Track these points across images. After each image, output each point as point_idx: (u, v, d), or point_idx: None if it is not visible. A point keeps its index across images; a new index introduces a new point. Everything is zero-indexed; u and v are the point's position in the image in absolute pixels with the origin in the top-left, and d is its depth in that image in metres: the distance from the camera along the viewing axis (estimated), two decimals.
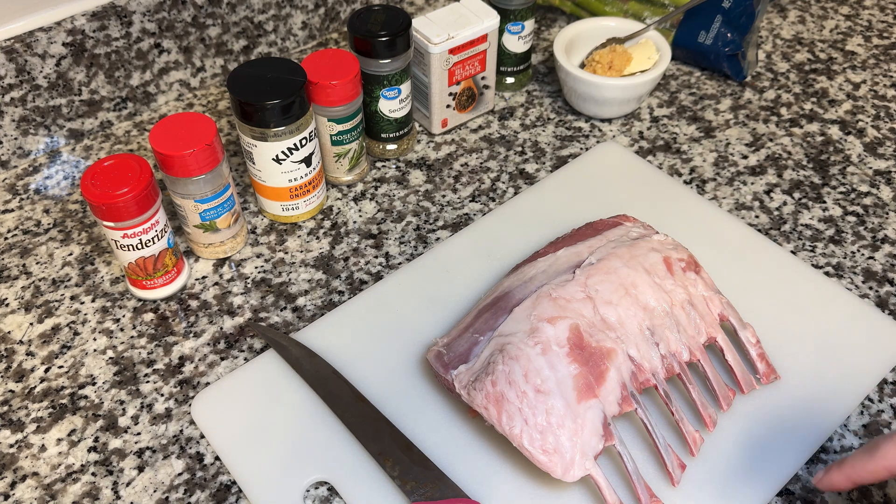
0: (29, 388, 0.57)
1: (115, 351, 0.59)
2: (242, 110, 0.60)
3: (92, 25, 0.70)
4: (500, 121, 0.79)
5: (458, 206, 0.70)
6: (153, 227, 0.58)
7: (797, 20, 0.91)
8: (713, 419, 0.51)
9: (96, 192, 0.54)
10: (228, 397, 0.55)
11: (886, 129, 0.77)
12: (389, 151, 0.74)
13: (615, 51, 0.77)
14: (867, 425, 0.54)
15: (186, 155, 0.57)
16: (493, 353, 0.49)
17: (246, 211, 0.70)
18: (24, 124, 0.72)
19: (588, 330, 0.50)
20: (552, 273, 0.54)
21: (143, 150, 0.76)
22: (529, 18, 0.76)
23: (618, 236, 0.57)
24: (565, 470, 0.46)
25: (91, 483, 0.52)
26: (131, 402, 0.56)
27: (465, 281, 0.62)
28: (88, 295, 0.63)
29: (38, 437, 0.54)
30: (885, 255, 0.65)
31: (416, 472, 0.50)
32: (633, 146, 0.76)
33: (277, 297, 0.63)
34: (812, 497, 0.50)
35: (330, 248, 0.67)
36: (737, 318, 0.55)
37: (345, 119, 0.66)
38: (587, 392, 0.47)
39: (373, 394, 0.55)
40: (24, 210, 0.70)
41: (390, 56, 0.66)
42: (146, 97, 0.78)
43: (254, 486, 0.51)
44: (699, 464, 0.51)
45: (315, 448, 0.52)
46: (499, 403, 0.47)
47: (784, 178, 0.72)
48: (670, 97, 0.81)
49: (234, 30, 0.80)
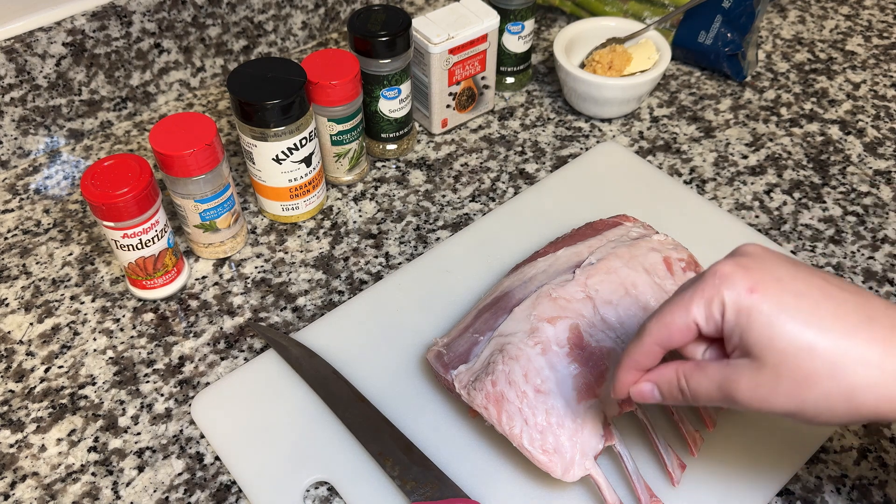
0: (29, 388, 0.57)
1: (115, 351, 0.59)
2: (242, 110, 0.60)
3: (92, 25, 0.70)
4: (500, 121, 0.79)
5: (458, 206, 0.70)
6: (153, 227, 0.58)
7: (797, 20, 0.91)
8: (713, 419, 0.51)
9: (96, 192, 0.54)
10: (228, 397, 0.55)
11: (886, 129, 0.77)
12: (389, 151, 0.74)
13: (615, 51, 0.77)
14: (867, 425, 0.54)
15: (186, 155, 0.57)
16: (493, 353, 0.49)
17: (246, 211, 0.70)
18: (24, 124, 0.72)
19: (588, 330, 0.50)
20: (552, 273, 0.54)
21: (143, 150, 0.76)
22: (529, 18, 0.76)
23: (618, 236, 0.57)
24: (565, 470, 0.46)
25: (91, 483, 0.52)
26: (131, 402, 0.56)
27: (465, 281, 0.62)
28: (88, 295, 0.63)
29: (38, 437, 0.54)
30: (885, 255, 0.65)
31: (416, 472, 0.50)
32: (633, 146, 0.76)
33: (277, 297, 0.63)
34: (812, 497, 0.50)
35: (330, 248, 0.67)
36: None
37: (345, 119, 0.66)
38: (587, 392, 0.47)
39: (373, 394, 0.55)
40: (24, 210, 0.70)
41: (390, 56, 0.66)
42: (146, 97, 0.78)
43: (254, 486, 0.51)
44: (699, 464, 0.51)
45: (315, 448, 0.52)
46: (499, 403, 0.47)
47: (784, 178, 0.72)
48: (670, 97, 0.81)
49: (234, 30, 0.80)
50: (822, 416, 0.36)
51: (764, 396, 0.37)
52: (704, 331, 0.39)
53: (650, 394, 0.41)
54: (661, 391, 0.41)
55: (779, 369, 0.36)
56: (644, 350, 0.40)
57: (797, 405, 0.36)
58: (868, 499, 0.50)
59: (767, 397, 0.37)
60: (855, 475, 0.51)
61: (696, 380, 0.39)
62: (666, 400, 0.41)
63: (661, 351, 0.40)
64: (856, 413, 0.36)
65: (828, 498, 0.50)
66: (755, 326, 0.36)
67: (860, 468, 0.52)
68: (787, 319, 0.36)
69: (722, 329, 0.38)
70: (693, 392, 0.39)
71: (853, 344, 0.35)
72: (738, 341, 0.37)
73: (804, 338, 0.35)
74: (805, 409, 0.36)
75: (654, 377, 0.41)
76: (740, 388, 0.37)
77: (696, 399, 0.40)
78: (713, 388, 0.38)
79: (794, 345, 0.36)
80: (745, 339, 0.37)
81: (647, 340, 0.40)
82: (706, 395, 0.39)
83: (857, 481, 0.51)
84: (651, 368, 0.41)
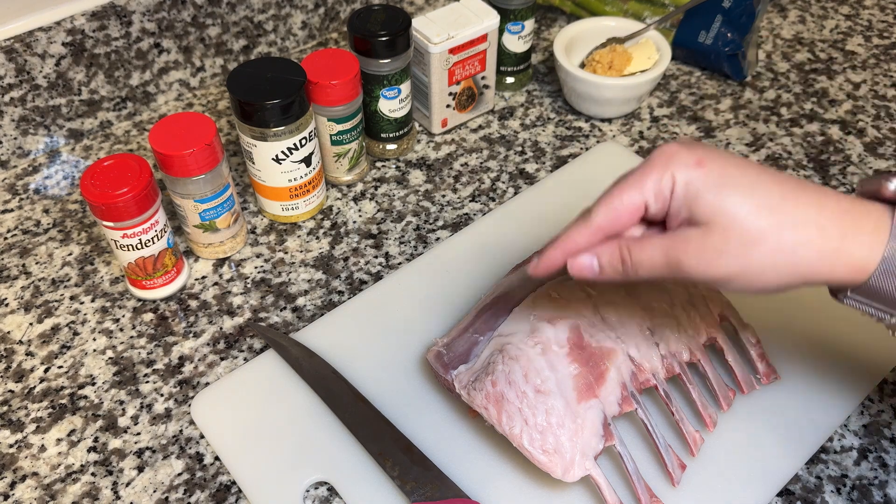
0: (29, 388, 0.57)
1: (114, 351, 0.59)
2: (242, 110, 0.60)
3: (92, 25, 0.70)
4: (500, 121, 0.79)
5: (458, 206, 0.70)
6: (153, 227, 0.58)
7: (797, 20, 0.91)
8: (713, 419, 0.51)
9: (96, 192, 0.54)
10: (228, 397, 0.55)
11: (886, 129, 0.77)
12: (389, 151, 0.74)
13: (615, 51, 0.77)
14: (867, 425, 0.54)
15: (186, 155, 0.57)
16: (493, 353, 0.49)
17: (246, 211, 0.70)
18: (23, 124, 0.72)
19: (588, 330, 0.50)
20: None
21: (142, 150, 0.76)
22: (529, 18, 0.76)
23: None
24: (565, 470, 0.46)
25: (91, 483, 0.52)
26: (131, 403, 0.56)
27: (465, 281, 0.62)
28: (88, 295, 0.63)
29: (37, 438, 0.54)
30: None
31: (416, 473, 0.50)
32: (633, 146, 0.75)
33: (277, 297, 0.63)
34: (812, 497, 0.50)
35: (330, 248, 0.67)
36: (737, 319, 0.55)
37: (345, 119, 0.66)
38: (587, 392, 0.47)
39: (373, 394, 0.55)
40: (24, 210, 0.70)
41: (390, 56, 0.66)
42: (146, 97, 0.78)
43: (253, 486, 0.51)
44: (699, 464, 0.51)
45: (315, 448, 0.52)
46: (499, 403, 0.47)
47: None
48: (670, 97, 0.81)
49: (234, 30, 0.80)
50: (765, 275, 0.39)
51: (710, 260, 0.39)
52: (652, 210, 0.41)
53: (588, 266, 0.42)
54: (600, 263, 0.42)
55: (727, 232, 0.38)
56: (588, 232, 0.42)
57: (742, 266, 0.39)
58: (868, 499, 0.50)
59: (714, 260, 0.39)
60: (855, 475, 0.51)
61: (640, 250, 0.41)
62: (604, 273, 0.42)
63: (603, 236, 0.42)
64: (796, 272, 0.39)
65: (828, 498, 0.50)
66: (704, 195, 0.39)
67: (860, 468, 0.52)
68: (733, 186, 0.39)
69: (669, 206, 0.40)
70: (636, 263, 0.41)
71: (793, 205, 0.39)
72: (685, 214, 0.40)
73: (750, 201, 0.38)
74: (750, 268, 0.39)
75: (595, 251, 0.42)
76: (688, 253, 0.39)
77: (637, 271, 0.41)
78: (658, 257, 0.40)
79: (742, 208, 0.38)
80: (694, 208, 0.39)
81: (595, 223, 0.42)
82: (649, 265, 0.41)
83: (857, 481, 0.51)
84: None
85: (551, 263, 0.44)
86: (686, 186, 0.39)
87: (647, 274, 0.41)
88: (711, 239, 0.39)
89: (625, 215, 0.41)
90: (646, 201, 0.41)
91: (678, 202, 0.40)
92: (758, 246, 0.38)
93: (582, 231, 0.42)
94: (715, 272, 0.39)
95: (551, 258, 0.43)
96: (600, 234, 0.42)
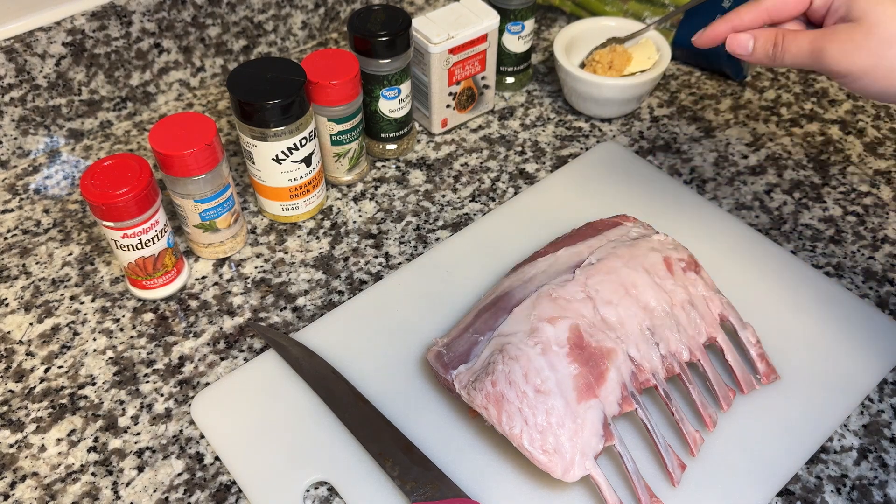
0: (29, 388, 0.57)
1: (114, 351, 0.59)
2: (242, 110, 0.60)
3: (92, 25, 0.70)
4: (500, 121, 0.79)
5: (458, 206, 0.70)
6: (153, 227, 0.58)
7: None
8: (713, 419, 0.51)
9: (96, 192, 0.54)
10: (228, 397, 0.55)
11: (886, 129, 0.77)
12: (389, 151, 0.74)
13: (615, 51, 0.77)
14: (867, 425, 0.54)
15: (186, 155, 0.57)
16: (493, 353, 0.49)
17: (246, 211, 0.70)
18: (23, 124, 0.72)
19: (588, 330, 0.50)
20: (552, 273, 0.54)
21: (142, 150, 0.76)
22: (529, 18, 0.76)
23: (618, 236, 0.57)
24: (565, 470, 0.46)
25: (91, 483, 0.52)
26: (131, 402, 0.56)
27: (465, 281, 0.62)
28: (88, 295, 0.63)
29: (37, 437, 0.54)
30: (885, 255, 0.65)
31: (416, 472, 0.50)
32: (633, 146, 0.75)
33: (277, 297, 0.63)
34: (812, 497, 0.50)
35: (330, 248, 0.67)
36: (737, 318, 0.55)
37: (345, 119, 0.66)
38: (587, 392, 0.47)
39: (373, 394, 0.55)
40: (24, 210, 0.70)
41: (390, 56, 0.66)
42: (146, 97, 0.78)
43: (254, 486, 0.51)
44: (699, 464, 0.51)
45: (315, 448, 0.52)
46: (499, 403, 0.47)
47: (784, 177, 0.72)
48: (670, 97, 0.81)
49: (234, 30, 0.80)
50: (893, 74, 0.45)
51: (850, 51, 0.45)
52: (816, 2, 0.48)
53: (745, 43, 0.49)
54: (755, 45, 0.49)
55: (872, 29, 0.45)
56: (756, 11, 0.49)
57: (875, 62, 0.45)
58: (868, 499, 0.50)
59: (852, 52, 0.45)
60: (855, 475, 0.51)
61: (792, 39, 0.47)
62: (755, 54, 0.49)
63: (768, 18, 0.49)
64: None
65: (828, 498, 0.50)
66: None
67: (860, 468, 0.52)
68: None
69: (832, 1, 0.47)
70: (785, 49, 0.48)
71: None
72: (843, 12, 0.46)
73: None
74: (881, 65, 0.45)
75: (753, 33, 0.48)
76: (833, 43, 0.46)
77: (784, 56, 0.48)
78: (805, 47, 0.47)
79: (891, 10, 0.45)
80: (852, 5, 0.46)
81: (764, 4, 0.48)
82: (796, 51, 0.47)
83: (857, 481, 0.51)
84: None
85: (715, 35, 0.50)
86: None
87: (791, 60, 0.47)
88: (857, 33, 0.45)
89: (791, 3, 0.48)
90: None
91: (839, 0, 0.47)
92: (893, 47, 0.44)
93: (751, 9, 0.48)
94: (850, 64, 0.45)
95: (716, 30, 0.50)
96: (765, 16, 0.48)
